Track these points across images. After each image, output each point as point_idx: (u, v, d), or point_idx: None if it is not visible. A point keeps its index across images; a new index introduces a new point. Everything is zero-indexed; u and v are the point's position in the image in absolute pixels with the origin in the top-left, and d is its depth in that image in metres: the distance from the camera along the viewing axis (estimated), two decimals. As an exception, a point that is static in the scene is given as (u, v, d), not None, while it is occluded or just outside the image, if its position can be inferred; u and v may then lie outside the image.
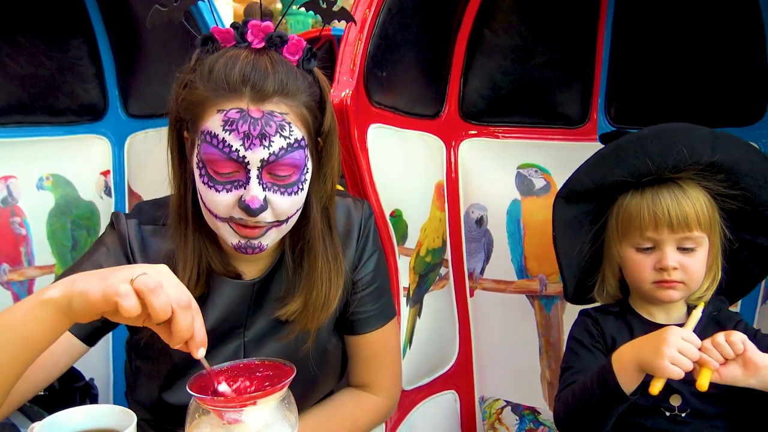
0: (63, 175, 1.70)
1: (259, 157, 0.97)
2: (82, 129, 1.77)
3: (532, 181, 1.66)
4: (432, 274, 1.60)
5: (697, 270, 1.19)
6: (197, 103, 1.00)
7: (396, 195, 1.44)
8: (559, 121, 1.69)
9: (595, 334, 1.26)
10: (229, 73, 0.97)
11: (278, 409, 0.91)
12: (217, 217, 1.01)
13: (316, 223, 1.10)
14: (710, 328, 1.22)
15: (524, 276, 1.67)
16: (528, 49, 1.65)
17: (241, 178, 0.99)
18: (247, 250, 1.03)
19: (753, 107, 1.54)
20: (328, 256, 1.12)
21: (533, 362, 1.69)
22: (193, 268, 1.08)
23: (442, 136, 1.67)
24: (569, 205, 1.31)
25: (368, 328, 1.22)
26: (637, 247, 1.21)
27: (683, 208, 1.17)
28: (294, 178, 1.01)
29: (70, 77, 1.73)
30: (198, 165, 1.01)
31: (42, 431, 0.83)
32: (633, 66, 1.63)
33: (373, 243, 1.22)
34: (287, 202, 1.01)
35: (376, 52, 1.37)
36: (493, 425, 1.71)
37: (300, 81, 1.01)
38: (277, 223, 1.02)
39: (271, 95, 0.97)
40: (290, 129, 0.99)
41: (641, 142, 1.20)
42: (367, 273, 1.20)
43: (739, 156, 1.19)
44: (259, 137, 0.96)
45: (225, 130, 0.96)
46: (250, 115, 0.96)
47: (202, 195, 1.03)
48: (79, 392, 1.43)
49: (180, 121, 1.05)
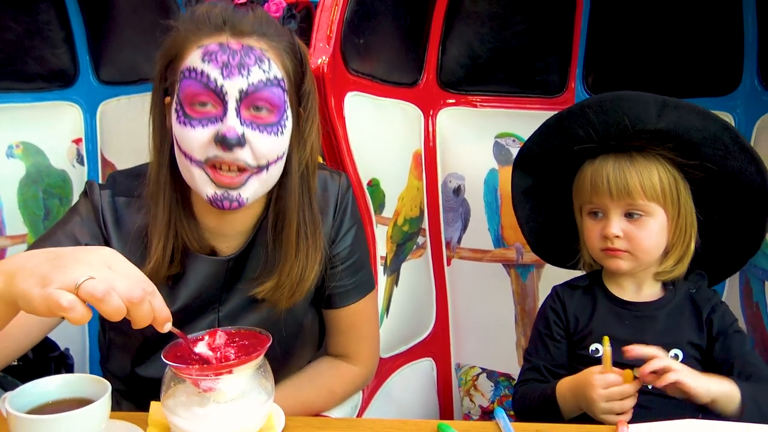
0: (33, 143, 1.66)
1: (238, 86, 0.96)
2: (53, 95, 1.73)
3: (509, 150, 1.66)
4: (409, 243, 1.60)
5: (644, 240, 1.18)
6: (179, 44, 1.00)
7: (373, 164, 1.43)
8: (537, 90, 1.68)
9: (555, 320, 1.26)
10: (210, 13, 0.99)
11: (254, 378, 0.91)
12: (192, 159, 0.98)
13: (294, 192, 1.07)
14: (687, 307, 1.22)
15: (501, 245, 1.68)
16: (506, 16, 1.64)
17: (218, 114, 0.97)
18: (223, 203, 0.99)
19: (728, 77, 1.55)
20: (307, 231, 1.09)
21: (509, 330, 1.72)
22: (167, 245, 1.05)
23: (420, 104, 1.66)
24: (525, 174, 1.33)
25: (345, 302, 1.20)
26: (588, 212, 1.23)
27: (624, 176, 1.17)
28: (274, 118, 0.99)
29: (39, 42, 1.68)
30: (176, 109, 0.99)
31: (14, 401, 0.82)
32: (611, 35, 1.63)
33: (351, 216, 1.19)
34: (267, 141, 0.99)
35: (353, 18, 1.35)
36: (468, 391, 1.74)
37: (280, 31, 1.02)
38: (257, 170, 0.99)
39: (251, 33, 0.99)
40: (269, 64, 0.99)
41: (583, 110, 1.20)
42: (345, 247, 1.18)
43: (691, 123, 1.16)
44: (237, 66, 0.96)
45: (204, 62, 0.97)
46: (229, 46, 0.97)
47: (177, 137, 1.00)
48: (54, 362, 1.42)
49: (164, 80, 1.04)
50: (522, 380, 1.28)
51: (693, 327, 1.21)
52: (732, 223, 1.23)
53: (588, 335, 1.22)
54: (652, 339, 1.18)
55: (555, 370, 1.25)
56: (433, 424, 0.98)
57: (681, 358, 1.17)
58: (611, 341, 1.15)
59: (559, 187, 1.31)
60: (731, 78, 1.55)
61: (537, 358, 1.27)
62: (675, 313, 1.22)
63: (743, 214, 1.22)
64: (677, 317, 1.21)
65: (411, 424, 1.01)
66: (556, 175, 1.30)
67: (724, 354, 1.18)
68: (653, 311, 1.22)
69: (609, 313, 1.23)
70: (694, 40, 1.56)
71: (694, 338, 1.19)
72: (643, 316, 1.22)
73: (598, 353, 1.20)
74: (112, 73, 1.76)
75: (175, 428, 0.88)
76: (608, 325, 1.22)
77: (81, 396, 0.86)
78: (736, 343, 1.19)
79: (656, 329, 1.20)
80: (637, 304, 1.23)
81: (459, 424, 0.97)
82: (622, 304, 1.24)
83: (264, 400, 0.91)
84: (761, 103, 1.51)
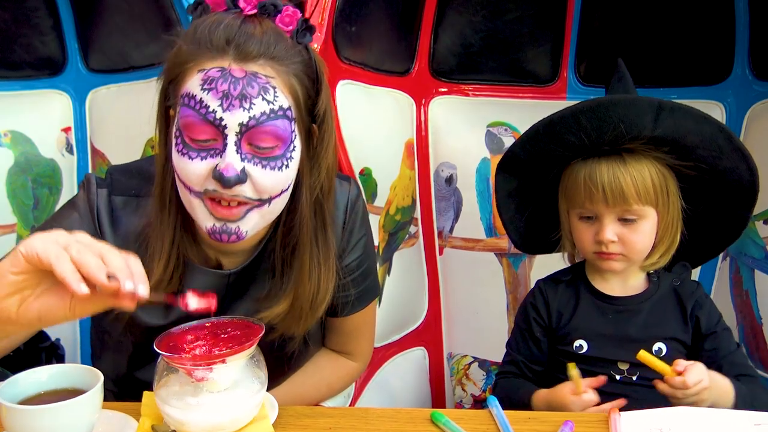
0: (22, 132, 1.64)
1: (238, 120, 0.88)
2: (41, 84, 1.71)
3: (501, 139, 1.66)
4: (401, 233, 1.60)
5: (638, 242, 1.17)
6: (179, 63, 0.93)
7: (365, 153, 1.43)
8: (528, 79, 1.68)
9: (536, 317, 1.26)
10: (213, 31, 0.90)
11: (247, 367, 0.91)
12: (191, 190, 0.92)
13: (305, 218, 1.00)
14: (671, 300, 1.23)
15: (493, 234, 1.68)
16: (498, 5, 1.63)
17: (218, 147, 0.90)
18: (222, 236, 0.93)
19: (719, 66, 1.55)
20: (319, 258, 1.03)
21: (501, 319, 1.72)
22: (168, 265, 1.00)
23: (412, 93, 1.65)
24: (510, 177, 1.28)
25: (350, 312, 1.16)
26: (579, 215, 1.20)
27: (619, 183, 1.14)
28: (278, 151, 0.92)
29: (27, 29, 1.66)
30: (176, 134, 0.93)
31: (5, 391, 0.82)
32: (603, 25, 1.63)
33: (360, 226, 1.13)
34: (269, 177, 0.92)
35: (344, 6, 1.34)
36: (460, 380, 1.75)
37: (290, 50, 0.93)
38: (258, 203, 0.93)
39: (256, 57, 0.90)
40: (275, 94, 0.90)
41: (576, 117, 1.13)
42: (354, 259, 1.12)
43: (687, 128, 1.13)
44: (239, 98, 0.88)
45: (203, 90, 0.89)
46: (232, 74, 0.89)
47: (176, 166, 0.93)
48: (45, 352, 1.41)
49: (166, 94, 0.97)
50: (501, 372, 1.29)
51: (677, 321, 1.21)
52: (716, 213, 1.23)
53: (571, 331, 1.23)
54: (636, 333, 1.19)
55: (533, 366, 1.26)
56: (426, 412, 0.99)
57: (664, 352, 1.17)
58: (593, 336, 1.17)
59: (543, 186, 1.28)
60: (722, 67, 1.55)
61: (517, 352, 1.28)
62: (658, 307, 1.22)
63: (728, 206, 1.21)
64: (661, 311, 1.22)
65: (404, 413, 1.01)
66: (541, 176, 1.27)
67: (713, 354, 1.18)
68: (636, 305, 1.22)
69: (592, 307, 1.23)
70: (686, 30, 1.56)
71: (678, 333, 1.20)
72: (626, 310, 1.22)
73: (581, 350, 1.21)
74: (101, 61, 1.74)
75: (167, 418, 0.88)
76: (591, 320, 1.22)
77: (73, 386, 0.86)
78: (725, 342, 1.20)
79: (639, 323, 1.20)
80: (620, 298, 1.23)
81: (452, 413, 0.98)
82: (605, 298, 1.23)
83: (257, 390, 0.91)
84: (752, 93, 1.52)
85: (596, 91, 1.58)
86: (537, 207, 1.30)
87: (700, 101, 1.56)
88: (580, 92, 1.65)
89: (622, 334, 1.20)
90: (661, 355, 1.17)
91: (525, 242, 1.36)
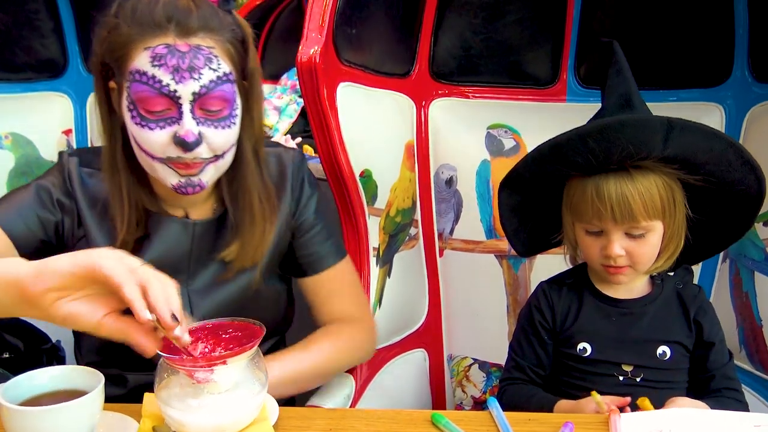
0: (23, 134, 1.64)
1: (190, 90, 1.00)
2: (42, 86, 1.71)
3: (501, 141, 1.66)
4: (402, 234, 1.60)
5: (645, 254, 1.17)
6: (123, 44, 1.01)
7: (366, 154, 1.43)
8: (528, 81, 1.68)
9: (541, 320, 1.26)
10: (153, 10, 1.00)
11: (248, 368, 0.91)
12: (154, 157, 1.03)
13: (249, 162, 1.13)
14: (673, 303, 1.23)
15: (493, 236, 1.69)
16: (498, 7, 1.64)
17: (173, 115, 1.01)
18: (187, 189, 1.06)
19: (719, 68, 1.55)
20: (261, 195, 1.15)
21: (501, 321, 1.72)
22: (131, 223, 1.10)
23: (412, 95, 1.65)
24: (515, 193, 1.27)
25: (321, 267, 1.24)
26: (586, 230, 1.19)
27: (627, 201, 1.12)
28: (225, 112, 1.04)
29: (27, 32, 1.66)
30: (129, 107, 1.02)
31: (6, 393, 0.82)
32: (603, 26, 1.63)
33: (309, 185, 1.24)
34: (221, 135, 1.04)
35: (345, 8, 1.34)
36: (460, 382, 1.75)
37: (222, 19, 1.04)
38: (213, 158, 1.06)
39: (196, 30, 1.01)
40: (218, 62, 1.02)
41: (582, 139, 1.11)
42: (310, 214, 1.23)
43: (696, 146, 1.11)
44: (188, 70, 0.99)
45: (154, 66, 0.99)
46: (178, 49, 0.99)
47: (135, 137, 1.04)
48: (46, 354, 1.42)
49: (106, 67, 1.06)
50: (508, 378, 1.28)
51: (681, 324, 1.21)
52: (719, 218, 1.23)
53: (574, 334, 1.23)
54: (640, 335, 1.19)
55: (538, 371, 1.26)
56: (427, 414, 0.99)
57: (669, 356, 1.18)
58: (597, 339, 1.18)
59: (547, 198, 1.27)
60: (722, 69, 1.55)
61: (522, 357, 1.27)
62: (662, 310, 1.22)
63: (732, 212, 1.21)
64: (664, 314, 1.22)
65: (404, 414, 1.01)
66: (545, 191, 1.26)
67: (709, 365, 1.19)
68: (640, 307, 1.22)
69: (595, 310, 1.24)
70: (685, 32, 1.56)
71: (681, 336, 1.20)
72: (629, 313, 1.22)
73: (585, 352, 1.21)
74: (102, 64, 1.75)
75: (169, 419, 0.88)
76: (594, 322, 1.22)
77: (74, 387, 0.86)
78: (719, 355, 1.21)
79: (643, 326, 1.21)
80: (624, 301, 1.23)
81: (452, 414, 0.98)
82: (609, 300, 1.23)
83: (257, 391, 0.91)
84: (752, 95, 1.52)
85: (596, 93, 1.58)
86: (540, 217, 1.30)
87: (699, 103, 1.57)
88: (580, 94, 1.66)
89: (625, 336, 1.20)
90: (665, 359, 1.18)
91: (529, 250, 1.35)
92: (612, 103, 1.18)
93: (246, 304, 1.17)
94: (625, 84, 1.19)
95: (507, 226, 1.32)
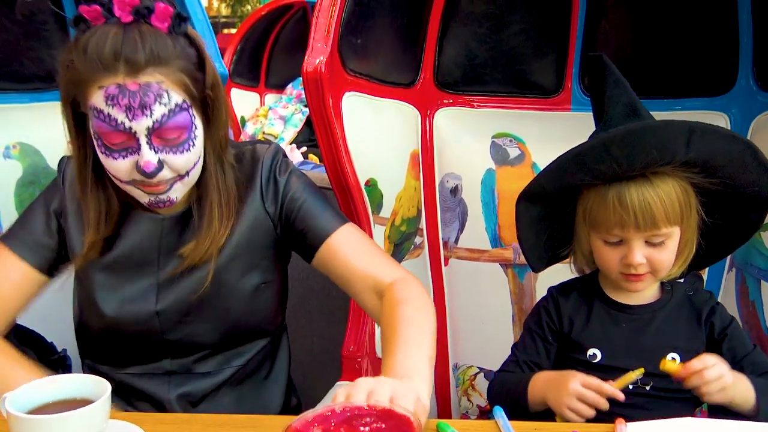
0: (31, 144, 1.65)
1: (144, 125, 1.04)
2: (50, 96, 1.71)
3: (506, 150, 1.66)
4: (407, 243, 1.61)
5: (665, 260, 1.17)
6: (80, 82, 1.05)
7: (371, 164, 1.44)
8: (533, 90, 1.69)
9: (548, 321, 1.26)
10: (101, 51, 1.02)
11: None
12: (122, 181, 1.11)
13: (211, 170, 1.17)
14: (685, 309, 1.23)
15: (498, 245, 1.69)
16: (503, 17, 1.65)
17: (133, 145, 1.06)
18: (158, 204, 1.12)
19: (724, 77, 1.55)
20: (221, 199, 1.18)
21: (506, 330, 1.72)
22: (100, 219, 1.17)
23: (418, 104, 1.66)
24: (533, 205, 1.25)
25: (325, 233, 1.21)
26: (604, 240, 1.18)
27: (650, 208, 1.12)
28: (183, 137, 1.08)
29: (36, 43, 1.68)
30: (94, 136, 1.09)
31: (14, 401, 0.83)
32: (607, 36, 1.63)
33: (283, 166, 1.25)
34: (181, 159, 1.09)
35: (350, 18, 1.36)
36: (466, 391, 1.75)
37: (171, 48, 1.06)
38: (178, 177, 1.11)
39: (144, 66, 1.03)
40: (168, 96, 1.05)
41: (606, 146, 1.10)
42: (294, 192, 1.23)
43: (716, 149, 1.12)
44: (140, 108, 1.03)
45: (108, 105, 1.03)
46: (128, 88, 1.03)
47: (103, 163, 1.11)
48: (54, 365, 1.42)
49: (71, 97, 1.10)
50: (503, 369, 1.29)
51: (691, 330, 1.21)
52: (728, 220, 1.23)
53: (584, 339, 1.22)
54: (650, 342, 1.19)
55: (536, 370, 1.25)
56: (432, 423, 0.99)
57: (679, 361, 1.17)
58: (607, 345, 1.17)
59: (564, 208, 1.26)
60: (726, 78, 1.55)
61: (523, 353, 1.27)
62: (672, 316, 1.22)
63: (741, 215, 1.21)
64: (675, 320, 1.21)
65: (410, 423, 1.01)
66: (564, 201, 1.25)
67: (731, 356, 1.17)
68: (650, 314, 1.22)
69: (605, 316, 1.23)
70: (690, 40, 1.56)
71: (692, 342, 1.19)
72: (640, 319, 1.22)
73: (595, 358, 1.20)
74: (109, 74, 1.76)
75: None
76: (604, 328, 1.22)
77: (81, 396, 0.86)
78: (740, 343, 1.20)
79: (653, 332, 1.20)
80: (634, 307, 1.23)
81: (458, 423, 0.98)
82: (619, 307, 1.23)
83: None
84: (757, 103, 1.52)
85: (601, 102, 1.59)
86: (553, 230, 1.29)
87: (704, 112, 1.57)
88: (585, 103, 1.66)
89: (635, 343, 1.19)
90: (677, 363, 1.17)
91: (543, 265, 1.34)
92: (618, 112, 1.18)
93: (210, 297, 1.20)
94: (627, 93, 1.19)
95: (524, 241, 1.29)
